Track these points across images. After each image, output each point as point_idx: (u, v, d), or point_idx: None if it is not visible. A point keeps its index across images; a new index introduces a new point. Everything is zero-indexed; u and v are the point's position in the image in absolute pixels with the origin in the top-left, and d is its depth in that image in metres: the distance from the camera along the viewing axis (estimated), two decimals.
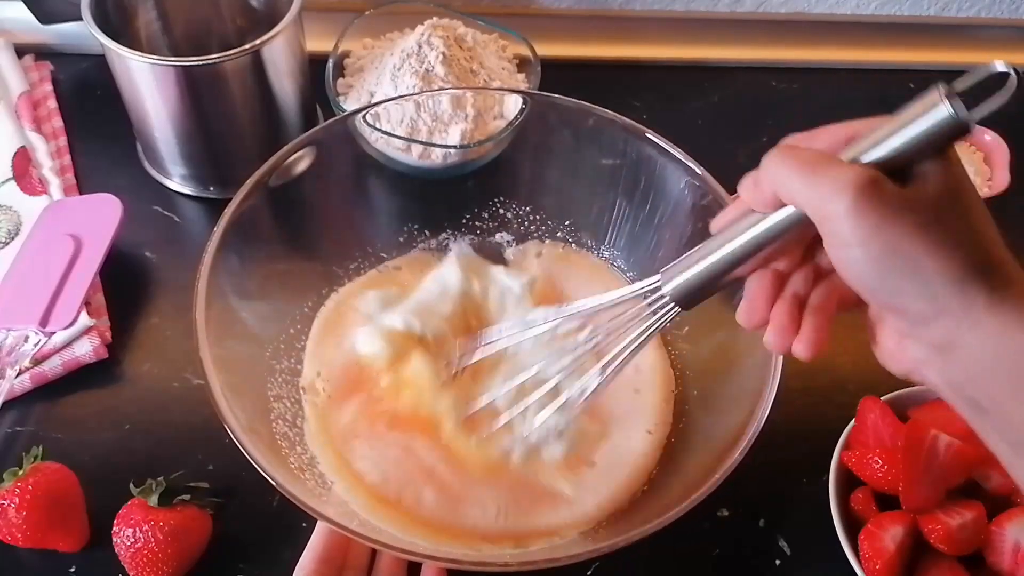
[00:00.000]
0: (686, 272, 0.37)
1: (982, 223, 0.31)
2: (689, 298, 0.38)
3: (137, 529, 0.46)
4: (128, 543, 0.46)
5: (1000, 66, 0.29)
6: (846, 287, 0.33)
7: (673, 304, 0.38)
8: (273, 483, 0.40)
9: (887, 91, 0.75)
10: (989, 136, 0.68)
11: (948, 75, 0.31)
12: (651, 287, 0.39)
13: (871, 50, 0.79)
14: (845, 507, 0.49)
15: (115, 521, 0.47)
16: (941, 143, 0.30)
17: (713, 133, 0.72)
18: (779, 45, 0.79)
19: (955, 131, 0.30)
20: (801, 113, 0.75)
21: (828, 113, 0.36)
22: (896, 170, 0.31)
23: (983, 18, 0.79)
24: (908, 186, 0.31)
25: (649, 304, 0.39)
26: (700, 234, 0.44)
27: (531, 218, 0.60)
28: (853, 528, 0.48)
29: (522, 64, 0.68)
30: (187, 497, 0.48)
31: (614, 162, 0.56)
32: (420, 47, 0.63)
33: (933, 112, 0.30)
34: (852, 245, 0.30)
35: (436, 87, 0.63)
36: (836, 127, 0.33)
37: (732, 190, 0.37)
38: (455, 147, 0.59)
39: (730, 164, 0.43)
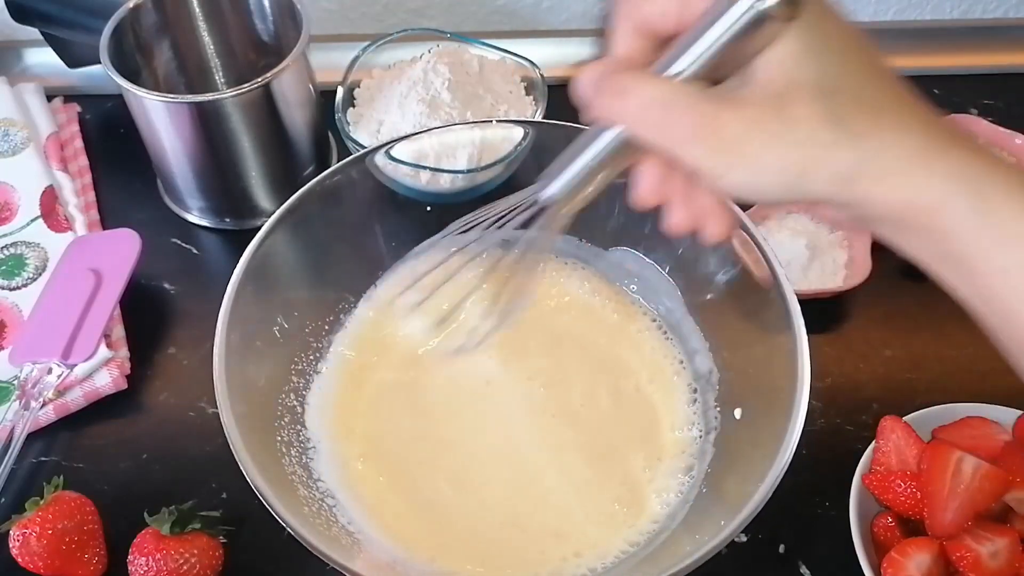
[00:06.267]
0: (564, 174, 0.36)
1: (845, 80, 0.31)
2: (571, 196, 0.37)
3: (150, 558, 0.47)
4: (141, 571, 0.47)
5: None
6: None
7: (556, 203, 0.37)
8: (282, 521, 0.40)
9: None
10: (1020, 140, 0.65)
11: (974, 78, 0.29)
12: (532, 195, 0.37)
13: (892, 56, 0.77)
14: (868, 532, 0.47)
15: (130, 550, 0.48)
16: (757, 28, 0.29)
17: None
18: None
19: (760, 13, 0.29)
20: None
21: None
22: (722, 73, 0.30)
23: (1010, 19, 0.76)
24: (746, 89, 0.30)
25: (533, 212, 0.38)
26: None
27: None
28: (878, 554, 0.46)
29: (529, 86, 0.68)
30: (198, 526, 0.48)
31: (621, 181, 0.55)
32: (426, 74, 0.64)
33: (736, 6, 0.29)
34: (728, 176, 0.30)
35: (443, 113, 0.63)
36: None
37: None
38: (462, 172, 0.59)
39: None
